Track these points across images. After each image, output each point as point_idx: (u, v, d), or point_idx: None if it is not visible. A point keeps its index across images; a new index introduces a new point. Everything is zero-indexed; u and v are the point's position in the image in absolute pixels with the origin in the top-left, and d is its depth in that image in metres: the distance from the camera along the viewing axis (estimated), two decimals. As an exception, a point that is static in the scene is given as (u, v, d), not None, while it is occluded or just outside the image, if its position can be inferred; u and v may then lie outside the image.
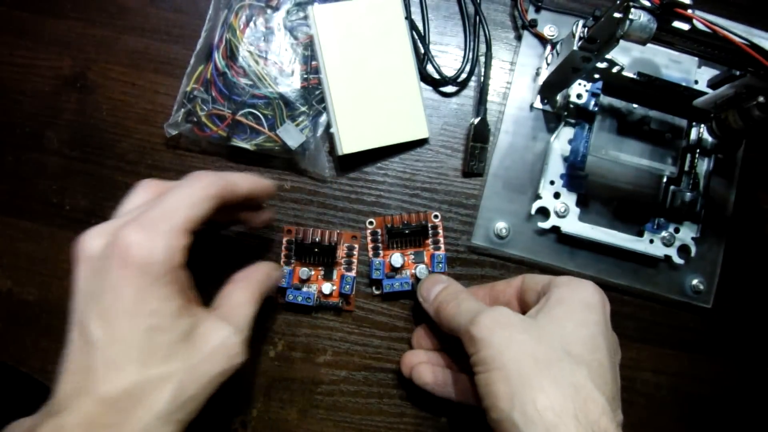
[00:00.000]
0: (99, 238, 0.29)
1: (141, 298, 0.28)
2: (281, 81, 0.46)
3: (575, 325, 0.31)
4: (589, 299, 0.33)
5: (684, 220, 0.46)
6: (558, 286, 0.34)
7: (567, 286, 0.34)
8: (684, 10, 0.31)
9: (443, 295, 0.38)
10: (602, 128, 0.47)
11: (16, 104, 0.47)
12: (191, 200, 0.30)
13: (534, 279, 0.37)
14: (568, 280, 0.35)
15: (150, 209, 0.30)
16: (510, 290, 0.39)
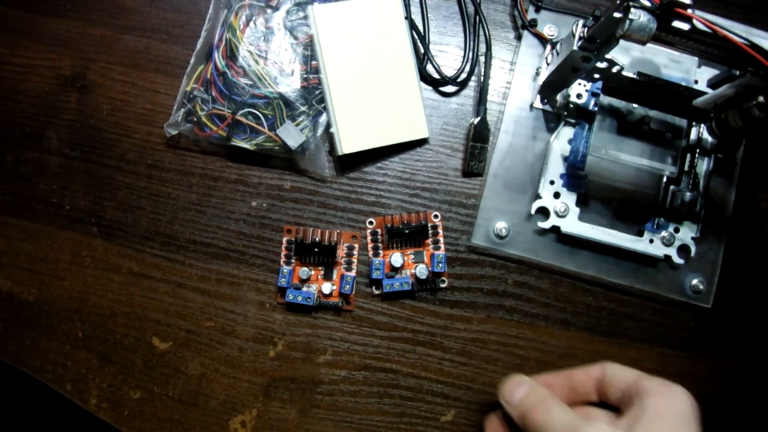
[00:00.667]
0: None
1: None
2: (281, 81, 0.46)
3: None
4: (686, 412, 0.32)
5: (684, 220, 0.46)
6: (651, 394, 0.33)
7: (661, 395, 0.33)
8: (684, 10, 0.31)
9: (529, 401, 0.36)
10: (602, 128, 0.47)
11: (16, 104, 0.47)
12: None
13: (617, 373, 0.36)
14: (659, 385, 0.33)
15: None
16: (589, 381, 0.38)
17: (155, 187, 0.47)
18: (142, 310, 0.45)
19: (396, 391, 0.45)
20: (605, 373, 0.37)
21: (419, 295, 0.46)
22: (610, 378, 0.36)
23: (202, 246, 0.46)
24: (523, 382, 0.37)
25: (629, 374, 0.36)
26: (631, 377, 0.35)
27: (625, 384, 0.35)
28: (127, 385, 0.44)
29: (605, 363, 0.37)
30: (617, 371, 0.36)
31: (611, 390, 0.36)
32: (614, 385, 0.36)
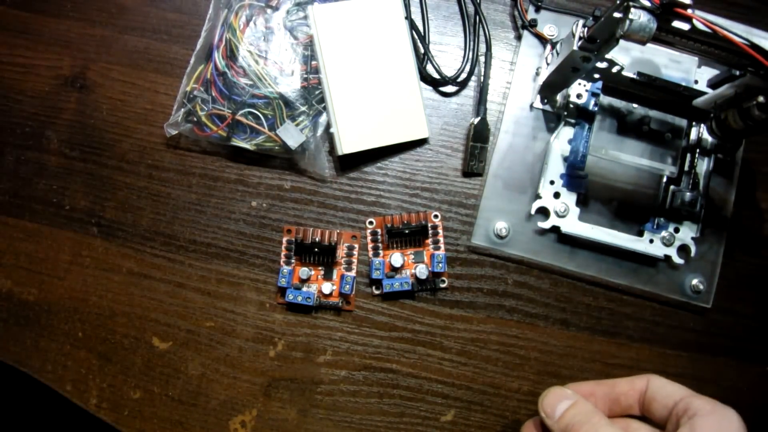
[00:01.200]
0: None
1: None
2: (281, 81, 0.46)
3: None
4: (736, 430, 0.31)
5: (684, 220, 0.46)
6: (701, 415, 0.31)
7: (712, 417, 0.31)
8: (684, 10, 0.31)
9: (572, 416, 0.34)
10: (602, 128, 0.47)
11: (16, 104, 0.47)
12: None
13: (664, 389, 0.35)
14: (711, 407, 0.32)
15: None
16: (633, 393, 0.36)
17: (155, 187, 0.47)
18: (142, 310, 0.45)
19: (396, 391, 0.45)
20: (651, 387, 0.35)
21: (419, 295, 0.46)
22: (656, 393, 0.35)
23: (202, 246, 0.46)
24: (567, 396, 0.35)
25: (677, 391, 0.34)
26: (678, 394, 0.34)
27: (673, 401, 0.33)
28: (127, 385, 0.44)
29: (651, 376, 0.36)
30: (664, 386, 0.35)
31: (656, 406, 0.35)
32: (660, 402, 0.34)
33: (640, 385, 0.36)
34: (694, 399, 0.32)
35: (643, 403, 0.36)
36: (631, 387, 0.36)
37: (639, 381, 0.36)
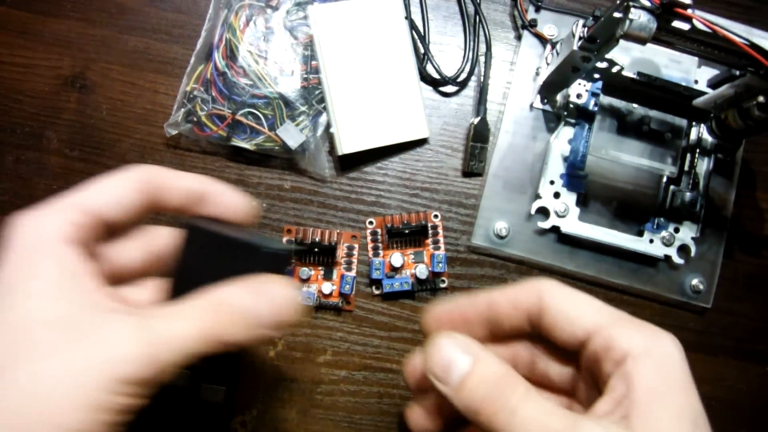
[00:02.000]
0: None
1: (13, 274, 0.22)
2: (281, 81, 0.46)
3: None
4: (686, 380, 0.23)
5: (684, 220, 0.46)
6: (636, 359, 0.23)
7: (650, 360, 0.23)
8: (684, 10, 0.31)
9: (479, 388, 0.23)
10: (602, 128, 0.47)
11: (16, 104, 0.47)
12: (106, 184, 0.25)
13: (567, 313, 0.25)
14: (644, 345, 0.23)
15: None
16: (518, 315, 0.27)
17: (155, 187, 0.47)
18: (142, 310, 0.45)
19: (396, 391, 0.45)
20: (548, 310, 0.25)
21: (419, 295, 0.46)
22: (557, 318, 0.25)
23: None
24: (463, 348, 0.24)
25: (586, 316, 0.24)
26: (589, 321, 0.24)
27: (584, 332, 0.24)
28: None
29: (543, 286, 0.26)
30: (567, 309, 0.25)
31: (560, 335, 0.25)
32: (565, 331, 0.25)
33: (528, 303, 0.26)
34: (614, 330, 0.23)
35: (539, 327, 0.26)
36: (514, 306, 0.26)
37: (525, 296, 0.26)
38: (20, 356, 0.20)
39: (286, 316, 0.25)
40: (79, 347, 0.21)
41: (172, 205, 0.27)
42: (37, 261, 0.22)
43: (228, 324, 0.23)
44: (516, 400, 0.23)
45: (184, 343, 0.22)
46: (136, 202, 0.26)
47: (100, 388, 0.20)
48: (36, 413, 0.19)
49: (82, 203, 0.24)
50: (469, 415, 0.23)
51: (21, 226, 0.23)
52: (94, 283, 0.23)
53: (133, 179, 0.26)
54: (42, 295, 0.22)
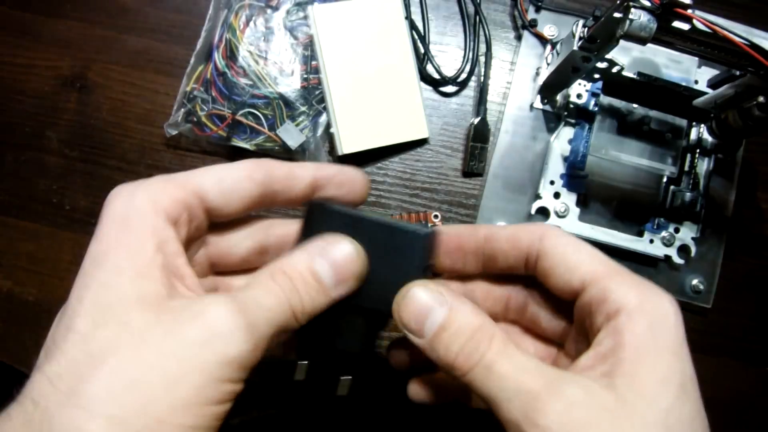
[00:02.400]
0: None
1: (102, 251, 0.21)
2: (281, 81, 0.46)
3: (674, 400, 0.20)
4: (680, 345, 0.21)
5: (684, 220, 0.46)
6: (629, 314, 0.21)
7: (642, 317, 0.21)
8: (684, 10, 0.31)
9: (454, 342, 0.22)
10: (602, 128, 0.47)
11: (16, 104, 0.47)
12: (222, 173, 0.24)
13: (564, 259, 0.24)
14: (638, 301, 0.22)
15: None
16: (516, 254, 0.25)
17: (155, 187, 0.47)
18: (142, 310, 0.45)
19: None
20: (546, 254, 0.24)
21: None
22: (555, 264, 0.24)
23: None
24: (437, 298, 0.23)
25: (584, 263, 0.23)
26: (587, 269, 0.23)
27: (579, 280, 0.23)
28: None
29: (543, 227, 0.25)
30: (565, 255, 0.24)
31: (556, 281, 0.24)
32: (560, 278, 0.24)
33: (527, 243, 0.25)
34: (611, 282, 0.22)
35: (536, 271, 0.25)
36: (513, 245, 0.25)
37: (526, 236, 0.25)
38: (121, 342, 0.19)
39: (354, 273, 0.24)
40: (177, 331, 0.19)
41: (289, 198, 0.26)
42: (129, 232, 0.21)
43: (302, 292, 0.22)
44: (492, 354, 0.22)
45: (273, 314, 0.21)
46: (246, 191, 0.24)
47: (206, 375, 0.19)
48: (140, 408, 0.18)
49: (187, 181, 0.23)
50: (445, 370, 0.23)
51: (118, 195, 0.22)
52: (183, 263, 0.22)
53: (247, 169, 0.24)
54: (133, 272, 0.20)
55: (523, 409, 0.20)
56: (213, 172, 0.24)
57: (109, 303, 0.20)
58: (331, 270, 0.23)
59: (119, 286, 0.20)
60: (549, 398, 0.20)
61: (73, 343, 0.19)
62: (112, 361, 0.19)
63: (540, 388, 0.20)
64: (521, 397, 0.20)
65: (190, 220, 0.23)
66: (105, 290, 0.20)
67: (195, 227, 0.24)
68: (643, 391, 0.20)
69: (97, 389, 0.18)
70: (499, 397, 0.21)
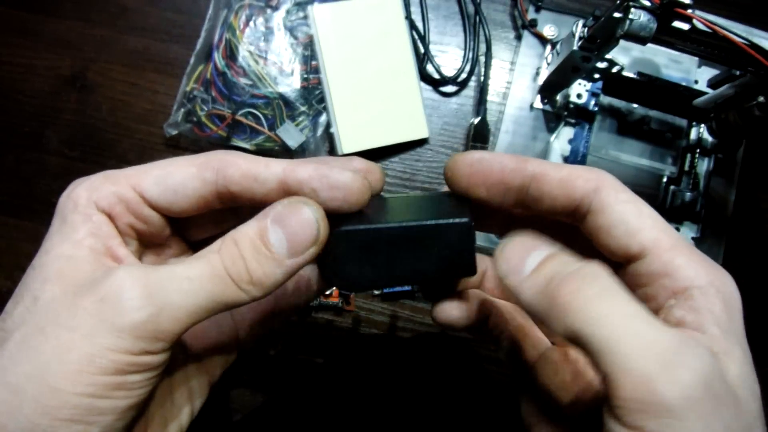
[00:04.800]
0: None
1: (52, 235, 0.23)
2: (281, 81, 0.46)
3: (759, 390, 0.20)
4: (740, 316, 0.22)
5: (684, 220, 0.46)
6: (701, 289, 0.21)
7: (713, 293, 0.21)
8: (684, 10, 0.31)
9: (557, 273, 0.20)
10: (602, 128, 0.47)
11: (16, 104, 0.47)
12: (166, 170, 0.23)
13: (623, 220, 0.21)
14: (707, 276, 0.21)
15: None
16: (562, 200, 0.23)
17: (155, 187, 0.47)
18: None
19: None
20: (603, 202, 0.22)
21: (419, 295, 0.46)
22: (612, 218, 0.21)
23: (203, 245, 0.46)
24: (539, 247, 0.21)
25: (646, 228, 0.21)
26: (649, 235, 0.21)
27: (639, 246, 0.21)
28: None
29: (602, 176, 0.22)
30: (625, 212, 0.21)
31: (609, 239, 0.22)
32: (617, 236, 0.21)
33: (582, 191, 0.22)
34: (677, 256, 0.21)
35: (583, 221, 0.23)
36: (564, 190, 0.22)
37: (582, 183, 0.22)
38: (26, 316, 0.20)
39: (312, 241, 0.22)
40: (76, 301, 0.19)
41: (253, 200, 0.23)
42: (63, 220, 0.22)
43: (248, 259, 0.21)
44: (612, 290, 0.19)
45: (196, 286, 0.20)
46: (195, 191, 0.23)
47: (97, 344, 0.19)
48: (36, 376, 0.18)
49: (127, 176, 0.23)
50: (544, 312, 0.20)
51: (70, 188, 0.24)
52: (117, 243, 0.22)
53: (195, 166, 0.23)
54: (58, 252, 0.21)
55: (658, 359, 0.17)
56: (156, 170, 0.23)
57: (31, 282, 0.21)
58: (284, 238, 0.21)
59: (42, 266, 0.21)
60: (691, 355, 0.18)
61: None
62: (17, 334, 0.19)
63: (678, 342, 0.18)
64: (657, 347, 0.17)
65: (131, 213, 0.23)
66: (32, 271, 0.21)
67: (142, 220, 0.23)
68: (748, 377, 0.20)
69: (2, 360, 0.19)
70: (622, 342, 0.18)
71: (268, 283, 0.21)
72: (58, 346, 0.19)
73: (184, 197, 0.23)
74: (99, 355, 0.19)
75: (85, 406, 0.19)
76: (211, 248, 0.22)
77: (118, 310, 0.19)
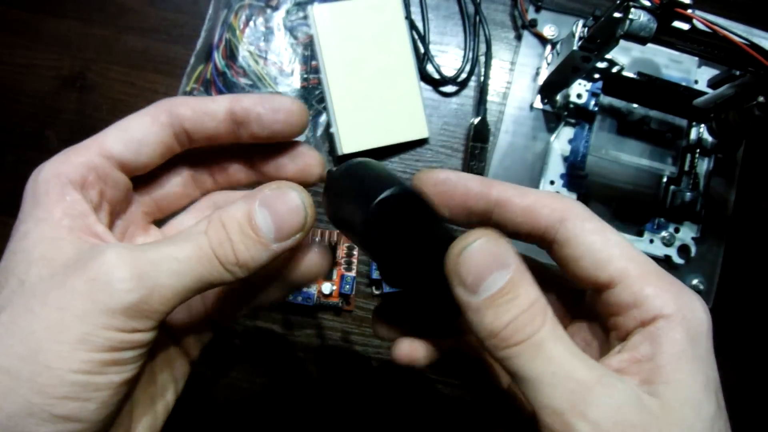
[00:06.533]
0: None
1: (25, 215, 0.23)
2: (281, 81, 0.46)
3: (716, 409, 0.20)
4: (707, 344, 0.21)
5: (684, 220, 0.46)
6: (667, 319, 0.20)
7: (679, 324, 0.20)
8: (684, 10, 0.31)
9: (508, 311, 0.20)
10: (602, 128, 0.47)
11: (16, 104, 0.47)
12: (124, 124, 0.23)
13: (590, 250, 0.21)
14: (675, 305, 0.21)
15: None
16: (526, 228, 0.23)
17: (155, 187, 0.47)
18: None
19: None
20: (570, 233, 0.22)
21: (419, 295, 0.46)
22: (579, 248, 0.22)
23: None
24: (503, 258, 0.21)
25: (615, 258, 0.21)
26: (618, 266, 0.21)
27: (608, 276, 0.21)
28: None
29: (569, 205, 0.22)
30: (593, 242, 0.21)
31: (577, 270, 0.22)
32: (585, 267, 0.22)
33: (547, 222, 0.22)
34: (646, 286, 0.21)
35: (549, 249, 0.23)
36: (529, 218, 0.23)
37: (548, 212, 0.22)
38: (14, 298, 0.20)
39: (299, 226, 0.22)
40: (65, 281, 0.19)
41: (206, 135, 0.24)
42: (36, 203, 0.22)
43: (235, 242, 0.21)
44: (545, 333, 0.20)
45: (185, 267, 0.20)
46: (155, 137, 0.23)
47: (89, 323, 0.19)
48: (29, 356, 0.19)
49: (90, 143, 0.23)
50: (485, 338, 0.20)
51: (36, 172, 0.23)
52: (93, 221, 0.22)
53: (149, 113, 0.23)
54: (37, 235, 0.21)
55: (569, 397, 0.19)
56: (113, 130, 0.23)
57: (12, 266, 0.21)
58: (272, 222, 0.22)
59: (23, 250, 0.21)
60: (601, 392, 0.19)
61: None
62: (3, 317, 0.19)
63: (591, 380, 0.19)
64: (570, 385, 0.19)
65: (102, 180, 0.23)
66: (11, 256, 0.21)
67: (113, 184, 0.24)
68: (689, 399, 0.20)
69: None
70: (542, 381, 0.19)
71: (253, 266, 0.22)
72: (50, 325, 0.19)
73: (147, 146, 0.23)
74: (93, 333, 0.19)
75: (81, 383, 0.19)
76: (197, 228, 0.22)
77: (110, 291, 0.19)
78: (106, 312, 0.19)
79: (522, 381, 0.20)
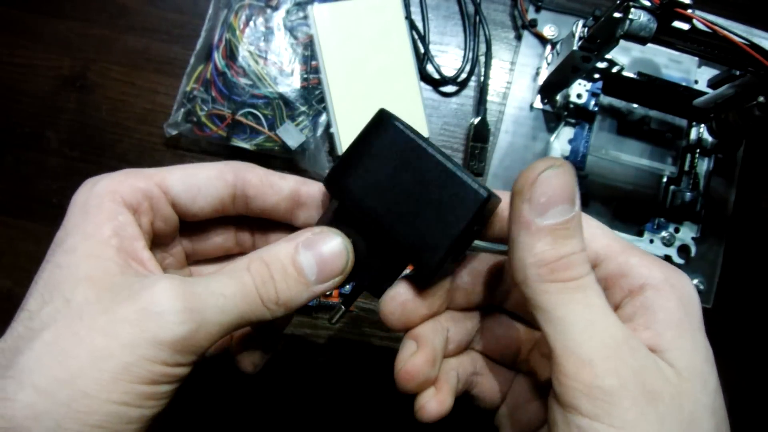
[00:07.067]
0: None
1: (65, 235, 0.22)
2: (281, 81, 0.46)
3: (716, 381, 0.21)
4: (697, 312, 0.22)
5: (684, 220, 0.46)
6: (655, 289, 0.21)
7: (667, 292, 0.21)
8: (684, 10, 0.31)
9: (566, 235, 0.20)
10: (602, 128, 0.47)
11: (16, 104, 0.47)
12: (190, 170, 0.25)
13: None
14: (662, 276, 0.21)
15: None
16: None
17: (155, 187, 0.47)
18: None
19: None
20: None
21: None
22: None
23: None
24: (575, 196, 0.20)
25: (597, 236, 0.22)
26: (600, 243, 0.22)
27: (593, 253, 0.22)
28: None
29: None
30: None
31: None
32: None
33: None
34: (630, 257, 0.22)
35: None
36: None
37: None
38: (59, 317, 0.19)
39: (340, 270, 0.23)
40: (113, 308, 0.19)
41: (264, 206, 0.25)
42: (86, 217, 0.22)
43: (278, 281, 0.22)
44: (590, 281, 0.20)
45: (230, 304, 0.21)
46: (215, 190, 0.24)
47: (136, 354, 0.18)
48: (68, 380, 0.18)
49: (153, 174, 0.24)
50: (530, 265, 0.20)
51: (83, 185, 0.23)
52: (142, 246, 0.22)
53: (217, 168, 0.24)
54: (85, 252, 0.21)
55: (601, 350, 0.19)
56: (181, 168, 0.24)
57: (57, 281, 0.20)
58: (315, 264, 0.22)
59: (69, 265, 0.21)
60: (629, 352, 0.19)
61: (20, 320, 0.20)
62: (46, 335, 0.19)
63: (623, 338, 0.19)
64: (604, 337, 0.19)
65: (154, 210, 0.23)
66: (57, 270, 0.21)
67: (162, 219, 0.24)
68: (696, 371, 0.20)
69: (29, 360, 0.19)
70: (577, 325, 0.19)
71: (292, 305, 0.22)
72: (94, 351, 0.19)
73: (206, 196, 0.24)
74: (137, 365, 0.19)
75: (116, 414, 0.19)
76: (239, 266, 0.22)
77: (161, 323, 0.19)
78: (154, 343, 0.19)
79: (551, 321, 0.19)
